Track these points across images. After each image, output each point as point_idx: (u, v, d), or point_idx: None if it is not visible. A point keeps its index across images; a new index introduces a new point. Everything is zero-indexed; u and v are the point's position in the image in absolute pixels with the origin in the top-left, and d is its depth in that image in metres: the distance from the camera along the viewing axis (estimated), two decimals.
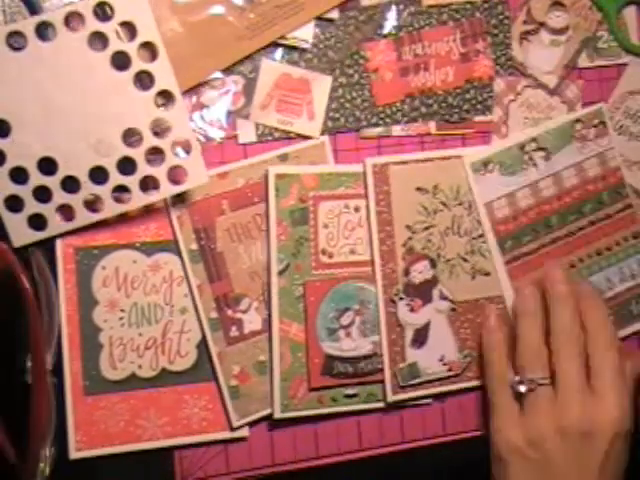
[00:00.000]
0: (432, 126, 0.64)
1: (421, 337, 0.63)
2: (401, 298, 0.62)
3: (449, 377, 0.64)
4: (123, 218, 0.58)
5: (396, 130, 0.63)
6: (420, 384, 0.63)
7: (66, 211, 0.56)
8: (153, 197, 0.57)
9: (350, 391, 0.62)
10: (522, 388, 0.60)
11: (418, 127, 0.63)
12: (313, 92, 0.61)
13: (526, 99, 0.65)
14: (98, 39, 0.54)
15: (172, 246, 0.59)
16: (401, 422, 0.64)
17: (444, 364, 0.64)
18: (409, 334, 0.63)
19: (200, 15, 0.58)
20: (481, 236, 0.64)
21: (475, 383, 0.64)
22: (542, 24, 0.65)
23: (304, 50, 0.61)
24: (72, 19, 0.54)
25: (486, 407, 0.63)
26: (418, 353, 0.63)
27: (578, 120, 0.65)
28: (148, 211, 0.59)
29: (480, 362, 0.64)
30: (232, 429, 0.60)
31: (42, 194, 0.55)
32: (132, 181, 0.56)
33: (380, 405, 0.63)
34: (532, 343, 0.61)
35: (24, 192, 0.55)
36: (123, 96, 0.55)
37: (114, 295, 0.59)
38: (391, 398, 0.62)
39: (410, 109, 0.63)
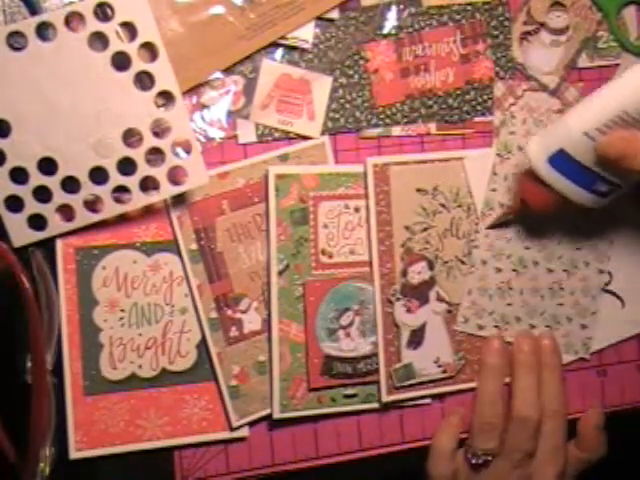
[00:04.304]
0: (432, 126, 0.64)
1: (417, 338, 0.63)
2: (398, 299, 0.62)
3: (444, 379, 0.64)
4: (123, 218, 0.58)
5: (396, 130, 0.63)
6: (415, 385, 0.63)
7: (66, 211, 0.56)
8: (153, 197, 0.57)
9: (349, 391, 0.62)
10: (472, 460, 0.62)
11: (418, 127, 0.63)
12: (313, 92, 0.61)
13: (526, 102, 0.65)
14: (98, 39, 0.54)
15: (172, 246, 0.59)
16: (401, 422, 0.64)
17: (439, 366, 0.64)
18: (405, 335, 0.63)
19: (200, 15, 0.58)
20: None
21: (469, 385, 0.65)
22: (542, 24, 0.65)
23: (304, 50, 0.61)
24: (72, 19, 0.54)
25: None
26: (414, 354, 0.63)
27: None
28: (148, 211, 0.59)
29: (476, 367, 0.65)
30: (232, 429, 0.61)
31: (42, 194, 0.55)
32: (132, 181, 0.56)
33: (379, 405, 0.63)
34: (486, 407, 0.63)
35: (24, 192, 0.55)
36: (123, 96, 0.55)
37: (114, 295, 0.59)
38: (386, 398, 0.62)
39: (410, 110, 0.63)
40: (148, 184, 0.56)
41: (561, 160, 0.57)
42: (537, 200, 0.60)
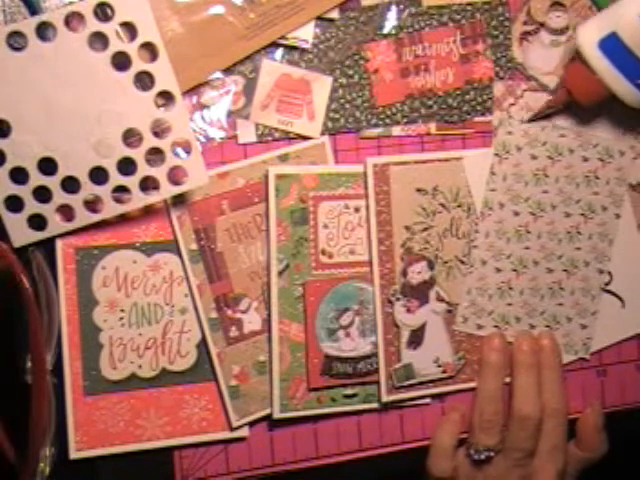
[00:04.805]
0: (432, 126, 0.64)
1: (417, 338, 0.63)
2: (398, 299, 0.62)
3: (443, 379, 0.64)
4: (123, 218, 0.58)
5: (396, 130, 0.63)
6: (415, 385, 0.63)
7: (66, 211, 0.56)
8: (153, 198, 0.57)
9: (349, 391, 0.62)
10: (475, 456, 0.62)
11: (418, 127, 0.64)
12: (313, 92, 0.61)
13: (526, 103, 0.65)
14: (98, 39, 0.54)
15: (172, 246, 0.59)
16: (401, 422, 0.64)
17: (439, 366, 0.64)
18: (405, 335, 0.63)
19: (200, 15, 0.58)
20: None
21: (469, 385, 0.65)
22: (542, 24, 0.65)
23: (304, 50, 0.61)
24: (72, 19, 0.54)
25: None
26: (413, 354, 0.63)
27: None
28: (148, 211, 0.59)
29: (476, 367, 0.65)
30: (232, 429, 0.61)
31: (42, 194, 0.55)
32: (132, 181, 0.56)
33: (379, 405, 0.63)
34: (486, 404, 0.63)
35: (24, 192, 0.55)
36: (123, 96, 0.55)
37: (114, 295, 0.59)
38: (386, 398, 0.62)
39: (410, 110, 0.63)
40: (148, 184, 0.56)
41: (612, 45, 0.58)
42: (582, 90, 0.61)
